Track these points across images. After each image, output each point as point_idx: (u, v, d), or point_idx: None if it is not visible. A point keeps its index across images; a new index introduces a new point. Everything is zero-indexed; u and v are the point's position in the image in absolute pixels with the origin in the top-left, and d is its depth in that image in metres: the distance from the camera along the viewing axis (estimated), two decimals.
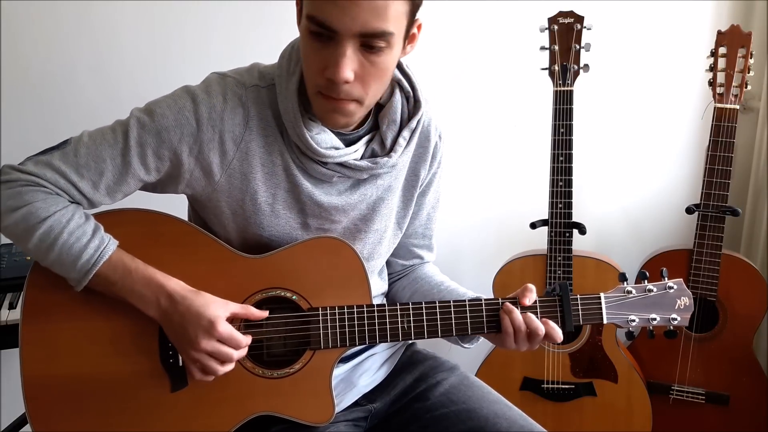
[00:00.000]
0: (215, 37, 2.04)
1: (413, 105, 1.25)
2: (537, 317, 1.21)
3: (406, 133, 1.24)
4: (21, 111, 1.97)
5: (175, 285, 1.15)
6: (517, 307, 1.22)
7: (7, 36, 1.92)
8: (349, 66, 1.04)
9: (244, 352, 1.17)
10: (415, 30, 1.13)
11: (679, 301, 1.27)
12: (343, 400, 1.32)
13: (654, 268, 1.31)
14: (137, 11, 1.98)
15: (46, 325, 1.19)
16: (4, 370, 2.04)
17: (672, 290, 1.27)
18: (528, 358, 2.15)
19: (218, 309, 1.14)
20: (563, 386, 2.15)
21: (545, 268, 2.07)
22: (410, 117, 1.24)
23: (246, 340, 1.16)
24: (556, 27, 1.99)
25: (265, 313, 1.20)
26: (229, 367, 1.16)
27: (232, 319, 1.17)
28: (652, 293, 1.27)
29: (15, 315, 1.61)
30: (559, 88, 2.00)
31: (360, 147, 1.22)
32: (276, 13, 1.43)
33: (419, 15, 1.12)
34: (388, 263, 1.46)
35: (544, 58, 2.02)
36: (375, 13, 1.01)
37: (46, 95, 1.98)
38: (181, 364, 1.20)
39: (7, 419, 1.95)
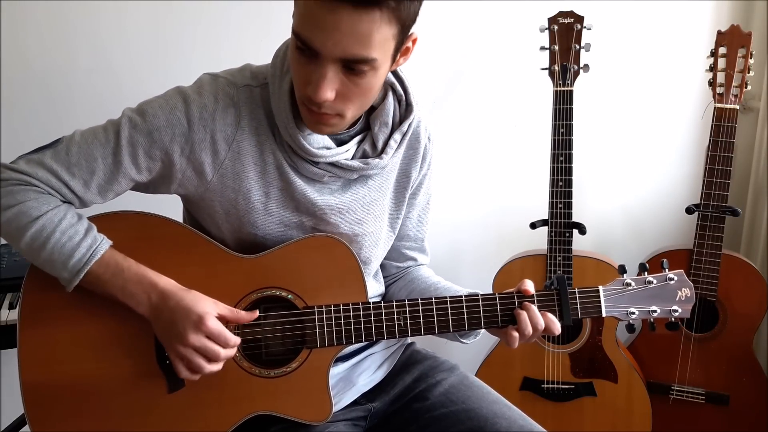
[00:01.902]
0: (219, 37, 2.04)
1: (405, 108, 1.25)
2: None
3: (397, 136, 1.24)
4: (21, 110, 1.98)
5: (167, 283, 1.16)
6: (516, 301, 1.23)
7: (8, 35, 1.92)
8: (329, 87, 1.04)
9: (232, 352, 1.16)
10: (409, 44, 1.12)
11: (680, 293, 1.27)
12: (342, 399, 1.32)
13: (655, 268, 1.31)
14: (139, 10, 1.98)
15: (43, 328, 1.19)
16: (4, 370, 2.04)
17: (672, 281, 1.27)
18: (528, 358, 2.15)
19: (208, 306, 1.14)
20: (563, 386, 2.15)
21: (545, 268, 2.07)
22: (402, 120, 1.25)
23: (235, 339, 1.16)
24: (556, 27, 1.99)
25: (255, 314, 1.19)
26: (216, 366, 1.15)
27: (226, 322, 1.17)
28: (652, 285, 1.26)
29: (15, 315, 1.60)
30: (559, 88, 2.00)
31: (351, 147, 1.22)
32: (282, 13, 1.42)
33: (415, 28, 1.11)
34: (382, 266, 1.46)
35: (544, 58, 2.02)
36: (358, 40, 1.00)
37: (47, 95, 1.99)
38: None
39: (7, 419, 1.95)
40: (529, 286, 1.24)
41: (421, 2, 1.06)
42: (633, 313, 1.25)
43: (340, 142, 1.22)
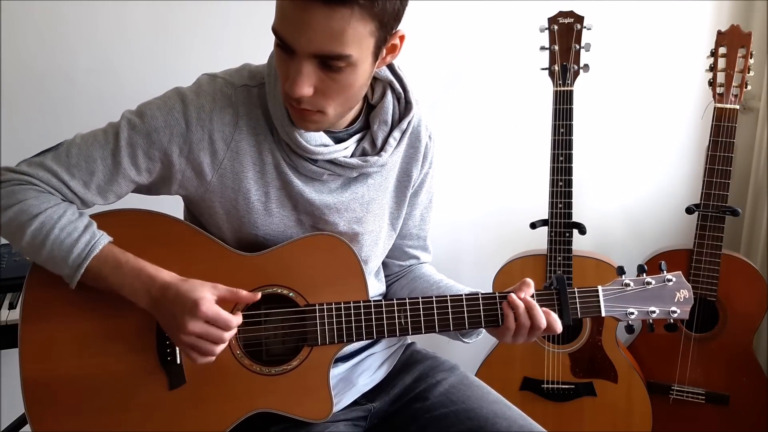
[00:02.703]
0: (218, 37, 2.04)
1: (404, 106, 1.25)
2: None
3: (396, 134, 1.24)
4: (21, 110, 1.98)
5: (165, 275, 1.16)
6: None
7: (8, 35, 1.92)
8: (305, 83, 1.05)
9: (233, 331, 1.15)
10: (396, 41, 1.12)
11: (678, 294, 1.27)
12: (343, 399, 1.32)
13: (654, 268, 1.31)
14: (139, 10, 1.98)
15: (44, 325, 1.19)
16: (4, 370, 2.04)
17: (671, 283, 1.27)
18: (528, 358, 2.15)
19: (204, 291, 1.13)
20: (563, 386, 2.15)
21: (545, 268, 2.07)
22: (401, 118, 1.25)
23: (236, 319, 1.15)
24: (556, 27, 1.99)
25: (257, 295, 1.18)
26: (222, 346, 1.14)
27: (233, 305, 1.17)
28: (650, 286, 1.27)
29: (15, 315, 1.61)
30: (559, 88, 2.00)
31: (350, 145, 1.23)
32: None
33: (407, 27, 1.11)
34: (385, 265, 1.46)
35: (544, 58, 2.02)
36: (331, 37, 1.00)
37: (47, 95, 1.99)
38: (179, 362, 1.20)
39: (7, 419, 1.95)
40: (529, 287, 1.23)
41: (404, 1, 1.06)
42: (632, 313, 1.26)
43: (338, 140, 1.22)
